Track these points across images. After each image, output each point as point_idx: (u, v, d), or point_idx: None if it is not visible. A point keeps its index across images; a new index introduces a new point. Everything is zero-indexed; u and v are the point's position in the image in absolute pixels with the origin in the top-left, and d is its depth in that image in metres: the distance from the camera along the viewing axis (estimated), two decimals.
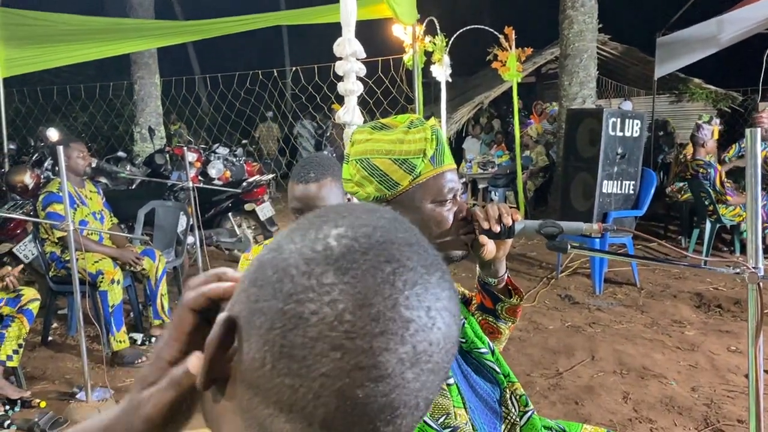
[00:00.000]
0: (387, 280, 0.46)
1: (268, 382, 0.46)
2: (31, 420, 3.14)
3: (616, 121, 5.30)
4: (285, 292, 0.46)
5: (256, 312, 0.47)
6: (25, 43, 6.34)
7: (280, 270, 0.47)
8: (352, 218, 0.50)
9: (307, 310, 0.45)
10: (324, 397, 0.45)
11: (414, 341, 0.46)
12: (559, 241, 1.38)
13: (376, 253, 0.47)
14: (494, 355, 1.39)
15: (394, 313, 0.45)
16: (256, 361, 0.47)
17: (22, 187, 5.33)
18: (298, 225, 0.52)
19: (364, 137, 1.28)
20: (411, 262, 0.48)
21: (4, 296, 3.41)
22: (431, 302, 0.47)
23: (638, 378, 3.56)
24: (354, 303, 0.45)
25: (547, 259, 6.20)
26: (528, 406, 1.37)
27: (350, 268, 0.46)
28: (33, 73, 7.78)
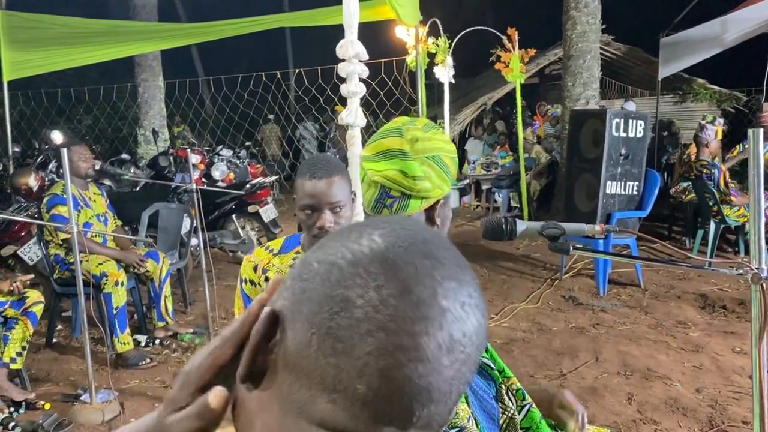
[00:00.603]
0: (427, 273, 0.50)
1: (312, 364, 0.49)
2: (36, 422, 3.14)
3: (620, 122, 5.30)
4: (333, 280, 0.50)
5: (302, 301, 0.51)
6: (29, 46, 6.36)
7: (327, 263, 0.51)
8: (391, 224, 0.54)
9: (354, 294, 0.48)
10: (366, 376, 0.47)
11: (450, 329, 0.49)
12: (562, 242, 1.38)
13: (417, 249, 0.51)
14: (488, 352, 1.39)
15: (433, 301, 0.49)
16: (302, 344, 0.49)
17: (27, 189, 5.34)
18: (339, 231, 0.56)
19: (425, 135, 1.28)
20: (447, 260, 0.52)
21: (9, 299, 3.42)
22: (465, 298, 0.51)
23: (642, 379, 3.55)
24: (397, 289, 0.48)
25: (551, 260, 6.19)
26: (525, 400, 1.37)
27: (394, 260, 0.50)
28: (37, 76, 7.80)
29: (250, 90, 8.40)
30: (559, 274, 5.70)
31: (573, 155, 5.81)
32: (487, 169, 9.54)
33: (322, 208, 1.79)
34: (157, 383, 3.72)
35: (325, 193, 1.78)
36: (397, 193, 1.26)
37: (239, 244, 6.33)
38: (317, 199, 1.79)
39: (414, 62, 6.27)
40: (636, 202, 5.45)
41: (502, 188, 9.02)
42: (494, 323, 4.55)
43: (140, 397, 3.52)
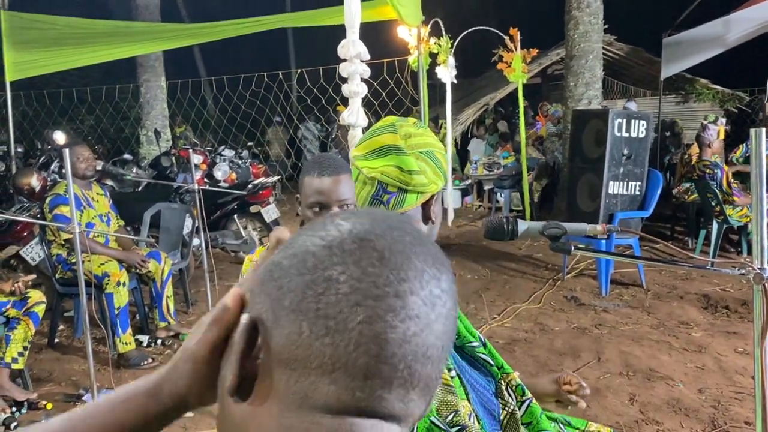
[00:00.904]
0: (396, 240, 0.53)
1: (307, 350, 0.50)
2: (38, 422, 3.14)
3: (622, 122, 5.29)
4: (309, 266, 0.51)
5: (282, 297, 0.51)
6: (32, 46, 6.37)
7: (297, 255, 0.53)
8: (357, 215, 0.56)
9: (336, 272, 0.50)
10: (363, 345, 0.49)
11: (430, 287, 0.52)
12: (563, 242, 1.37)
13: (380, 223, 0.54)
14: (486, 348, 1.39)
15: (410, 263, 0.52)
16: (293, 335, 0.50)
17: (29, 189, 5.35)
18: (297, 231, 0.57)
19: (416, 131, 1.30)
20: (408, 228, 0.55)
21: (11, 299, 3.42)
22: (433, 258, 0.54)
23: (645, 379, 3.54)
24: (375, 258, 0.51)
25: (553, 260, 6.18)
26: (525, 395, 1.37)
27: (364, 235, 0.52)
28: (40, 77, 7.82)
29: (252, 90, 8.41)
30: (561, 274, 5.69)
31: (575, 155, 5.80)
32: (489, 170, 9.54)
33: (331, 205, 1.77)
34: None
35: (334, 190, 1.77)
36: (394, 188, 1.26)
37: (241, 245, 6.33)
38: (326, 196, 1.77)
39: (416, 62, 6.27)
40: (638, 202, 5.45)
41: (504, 188, 9.02)
42: (496, 323, 4.55)
43: None
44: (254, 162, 9.28)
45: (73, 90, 9.20)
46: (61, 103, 9.76)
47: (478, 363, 1.36)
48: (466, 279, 5.78)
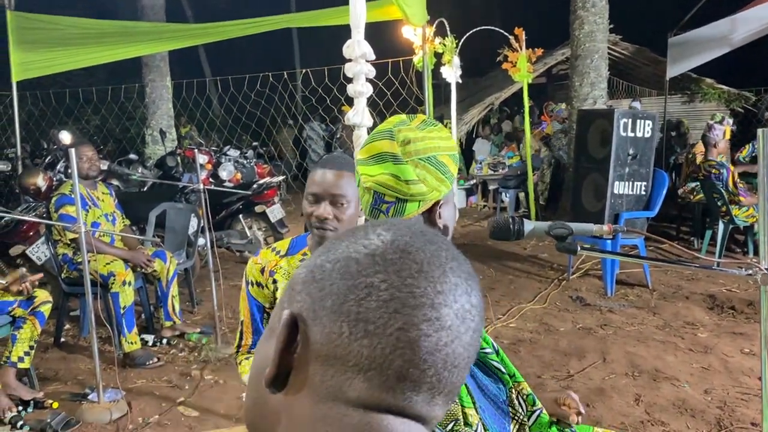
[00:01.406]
0: (434, 255, 0.57)
1: (346, 349, 0.54)
2: (44, 421, 3.16)
3: (628, 122, 5.28)
4: (352, 272, 0.55)
5: (324, 297, 0.55)
6: (38, 46, 6.39)
7: (341, 260, 0.57)
8: (390, 221, 0.61)
9: (377, 280, 0.54)
10: (399, 350, 0.53)
11: (462, 301, 0.57)
12: (569, 242, 1.37)
13: (420, 237, 0.58)
14: (499, 355, 1.38)
15: (446, 277, 0.56)
16: (332, 334, 0.54)
17: (35, 189, 5.37)
18: (341, 234, 0.61)
19: (419, 135, 1.23)
20: (444, 244, 0.60)
21: (17, 298, 3.43)
22: (467, 274, 0.59)
23: (650, 380, 3.53)
24: (414, 270, 0.55)
25: (558, 260, 6.17)
26: (536, 405, 1.36)
27: (405, 248, 0.57)
28: (46, 77, 7.86)
29: (257, 90, 8.42)
30: (567, 274, 5.68)
31: (580, 155, 5.79)
32: (494, 169, 9.53)
33: (324, 198, 1.79)
34: (164, 383, 3.73)
35: (331, 184, 1.79)
36: (392, 198, 1.22)
37: (246, 244, 6.34)
38: (321, 188, 1.80)
39: (421, 62, 6.27)
40: (644, 202, 5.43)
41: (509, 188, 9.01)
42: (501, 324, 4.54)
43: (148, 396, 3.53)
44: (259, 162, 9.29)
45: (78, 90, 9.23)
46: (67, 103, 9.79)
47: (489, 370, 1.35)
48: None
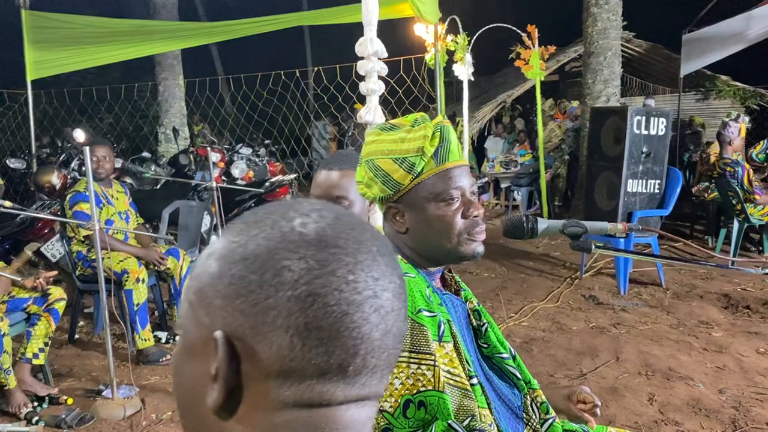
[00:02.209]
0: (360, 239, 0.57)
1: (302, 360, 0.53)
2: (59, 416, 3.18)
3: (641, 120, 5.24)
4: (289, 281, 0.53)
5: (262, 313, 0.53)
6: (53, 45, 6.44)
7: (269, 268, 0.54)
8: (294, 210, 0.58)
9: (318, 285, 0.53)
10: (356, 347, 0.54)
11: (394, 278, 0.58)
12: (583, 241, 1.36)
13: (338, 224, 0.57)
14: (515, 361, 1.38)
15: (376, 262, 0.56)
16: (283, 349, 0.53)
17: (50, 187, 5.42)
18: (240, 233, 0.57)
19: (371, 138, 1.29)
20: (367, 227, 0.59)
21: (32, 295, 3.47)
22: (387, 255, 0.59)
23: (664, 380, 3.51)
24: (350, 265, 0.54)
25: (571, 259, 6.14)
26: (549, 414, 1.36)
27: (332, 241, 0.55)
28: (60, 75, 7.90)
29: (269, 88, 8.43)
30: (579, 273, 5.65)
31: (594, 153, 5.75)
32: (507, 167, 9.49)
33: (327, 200, 1.77)
34: None
35: (333, 185, 1.77)
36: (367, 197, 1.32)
37: None
38: (323, 190, 1.78)
39: (433, 60, 6.25)
40: (657, 200, 5.39)
41: (521, 186, 8.97)
42: (513, 322, 4.53)
43: (161, 393, 3.55)
44: (271, 160, 9.30)
45: (92, 88, 9.28)
46: (81, 102, 9.85)
47: (505, 375, 1.35)
48: (483, 277, 5.76)
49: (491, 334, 1.37)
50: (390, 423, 1.10)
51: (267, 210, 0.59)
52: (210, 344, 0.54)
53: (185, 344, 0.59)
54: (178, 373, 0.60)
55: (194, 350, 0.57)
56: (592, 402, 1.44)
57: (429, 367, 1.13)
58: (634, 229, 1.36)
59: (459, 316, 1.32)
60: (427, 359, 1.13)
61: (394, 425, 1.10)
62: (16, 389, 3.29)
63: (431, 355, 1.14)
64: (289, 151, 10.50)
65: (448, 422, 1.11)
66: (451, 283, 1.39)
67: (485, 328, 1.37)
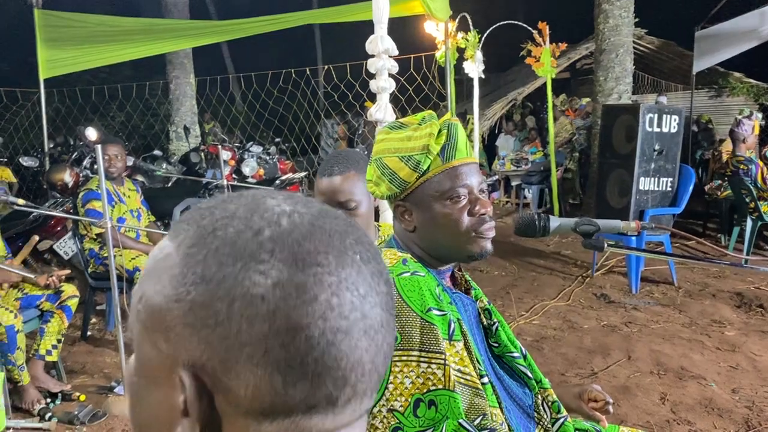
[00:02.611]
0: (339, 251, 0.49)
1: (284, 396, 0.47)
2: (72, 413, 3.21)
3: (654, 117, 5.20)
4: (263, 314, 0.46)
5: (233, 348, 0.46)
6: (65, 44, 6.48)
7: (237, 297, 0.46)
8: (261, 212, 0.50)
9: (298, 317, 0.46)
10: (347, 375, 0.48)
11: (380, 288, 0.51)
12: (596, 239, 1.35)
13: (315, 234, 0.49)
14: (526, 360, 1.37)
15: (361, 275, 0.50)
16: (262, 387, 0.47)
17: (62, 185, 5.46)
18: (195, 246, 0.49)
19: (381, 137, 1.30)
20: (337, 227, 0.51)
21: (45, 292, 3.49)
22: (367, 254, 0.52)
23: (676, 379, 3.48)
24: (333, 286, 0.48)
25: (582, 257, 6.11)
26: (560, 413, 1.35)
27: (309, 259, 0.48)
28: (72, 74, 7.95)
29: (279, 86, 8.45)
30: (591, 271, 5.62)
31: (605, 151, 5.72)
32: (517, 165, 9.46)
33: (332, 206, 1.73)
34: None
35: (336, 190, 1.72)
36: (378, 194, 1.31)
37: None
38: (327, 197, 1.73)
39: (443, 57, 6.24)
40: (670, 198, 5.36)
41: (532, 184, 8.94)
42: (524, 321, 4.51)
43: None
44: (281, 158, 9.32)
45: (104, 87, 9.34)
46: (93, 100, 9.91)
47: (516, 374, 1.35)
48: (494, 275, 5.75)
49: (502, 333, 1.36)
50: (400, 422, 1.10)
51: (226, 210, 0.50)
52: (174, 375, 0.48)
53: (143, 370, 0.52)
54: (137, 399, 0.53)
55: (155, 378, 0.50)
56: (603, 400, 1.44)
57: (439, 366, 1.13)
58: (648, 228, 1.35)
59: (469, 315, 1.31)
60: (437, 358, 1.13)
61: (405, 424, 1.10)
62: (29, 385, 3.32)
63: (441, 354, 1.14)
64: (300, 150, 10.54)
65: (458, 421, 1.10)
66: (461, 281, 1.39)
67: (496, 327, 1.36)
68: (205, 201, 0.53)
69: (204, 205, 0.52)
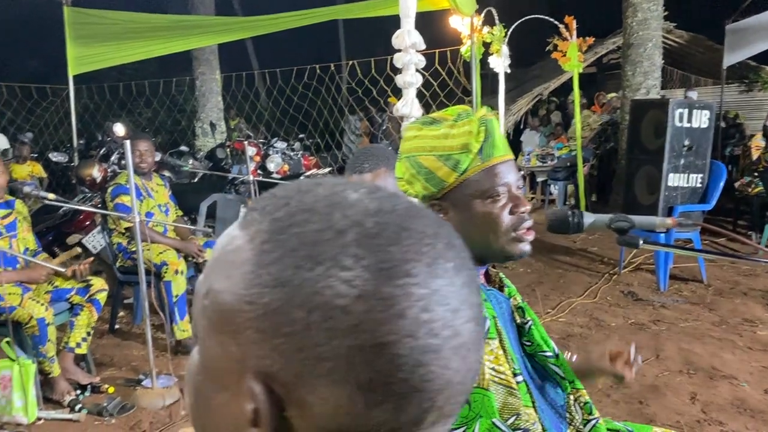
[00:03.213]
0: (432, 261, 0.44)
1: (363, 419, 0.44)
2: (101, 405, 3.25)
3: (683, 112, 5.11)
4: (345, 327, 0.42)
5: (309, 361, 0.42)
6: (93, 41, 6.57)
7: (318, 306, 0.42)
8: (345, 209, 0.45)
9: (383, 333, 0.42)
10: (434, 399, 0.44)
11: (472, 300, 0.46)
12: (630, 236, 1.33)
13: (405, 240, 0.44)
14: (559, 360, 1.35)
15: (455, 288, 0.45)
16: (341, 406, 0.43)
17: (91, 180, 5.53)
18: (272, 241, 0.44)
19: (412, 134, 1.25)
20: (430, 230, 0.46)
21: (75, 285, 3.54)
22: (457, 260, 0.47)
23: (707, 378, 3.43)
24: (424, 301, 0.43)
25: (609, 254, 6.04)
26: (592, 414, 1.33)
27: (399, 269, 0.43)
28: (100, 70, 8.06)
29: (304, 82, 8.47)
30: (618, 268, 5.55)
31: (633, 146, 5.64)
32: (543, 161, 9.38)
33: None
34: None
35: None
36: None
37: None
38: None
39: (468, 52, 6.20)
40: (699, 195, 5.26)
41: (558, 180, 8.86)
42: (550, 318, 4.47)
43: None
44: (305, 154, 9.36)
45: (131, 83, 9.45)
46: (120, 96, 10.04)
47: (548, 374, 1.33)
48: (519, 272, 5.71)
49: (535, 332, 1.34)
50: None
51: (303, 202, 0.46)
52: (243, 381, 0.45)
53: (208, 368, 0.49)
54: (201, 399, 0.50)
55: (222, 380, 0.47)
56: (627, 353, 1.41)
57: None
58: (685, 225, 1.32)
59: (503, 313, 1.29)
60: None
61: None
62: (60, 377, 3.37)
63: None
64: (324, 145, 10.57)
65: (492, 420, 1.09)
66: (495, 279, 1.37)
67: (529, 325, 1.34)
68: (276, 188, 0.49)
69: (278, 193, 0.48)
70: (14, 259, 3.47)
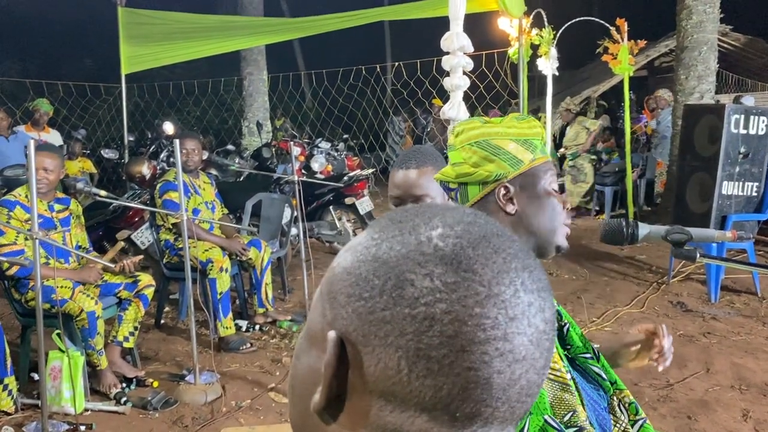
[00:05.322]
0: (503, 269, 0.48)
1: (405, 387, 0.47)
2: (145, 398, 3.31)
3: (740, 118, 4.95)
4: (408, 297, 0.47)
5: (374, 322, 0.48)
6: (146, 41, 6.72)
7: (392, 277, 0.48)
8: (441, 217, 0.51)
9: (439, 311, 0.46)
10: (470, 390, 0.46)
11: (536, 322, 0.48)
12: (688, 249, 1.28)
13: (484, 246, 0.49)
14: (600, 361, 1.31)
15: (518, 298, 0.48)
16: (389, 369, 0.47)
17: (140, 177, 5.65)
18: (381, 231, 0.52)
19: (475, 125, 1.27)
20: (512, 249, 0.50)
21: (123, 281, 3.62)
22: (539, 286, 0.50)
23: (760, 395, 3.30)
24: (482, 297, 0.47)
25: (658, 262, 5.88)
26: (639, 414, 1.29)
27: (468, 264, 0.47)
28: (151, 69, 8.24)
29: (349, 83, 8.51)
30: (667, 277, 5.40)
31: (686, 153, 5.48)
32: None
33: (406, 200, 1.72)
34: (257, 368, 3.83)
35: (412, 184, 1.71)
36: (454, 184, 1.26)
37: (336, 235, 6.42)
38: (403, 190, 1.72)
39: (516, 54, 6.12)
40: (755, 204, 5.08)
41: (606, 186, 8.67)
42: (596, 327, 4.37)
43: (240, 380, 3.64)
44: (349, 154, 9.39)
45: (180, 82, 9.64)
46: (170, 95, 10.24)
47: (589, 376, 1.29)
48: (564, 279, 5.61)
49: (573, 334, 1.31)
50: None
51: (415, 211, 0.53)
52: (327, 340, 0.50)
53: (309, 331, 0.55)
54: (297, 357, 0.57)
55: (315, 340, 0.53)
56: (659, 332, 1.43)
57: None
58: (745, 238, 1.27)
59: None
60: None
61: None
62: (107, 370, 3.45)
63: None
64: (367, 146, 10.59)
65: (544, 417, 1.06)
66: None
67: (567, 328, 1.31)
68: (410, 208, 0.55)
69: (409, 211, 0.54)
70: (67, 252, 3.56)
